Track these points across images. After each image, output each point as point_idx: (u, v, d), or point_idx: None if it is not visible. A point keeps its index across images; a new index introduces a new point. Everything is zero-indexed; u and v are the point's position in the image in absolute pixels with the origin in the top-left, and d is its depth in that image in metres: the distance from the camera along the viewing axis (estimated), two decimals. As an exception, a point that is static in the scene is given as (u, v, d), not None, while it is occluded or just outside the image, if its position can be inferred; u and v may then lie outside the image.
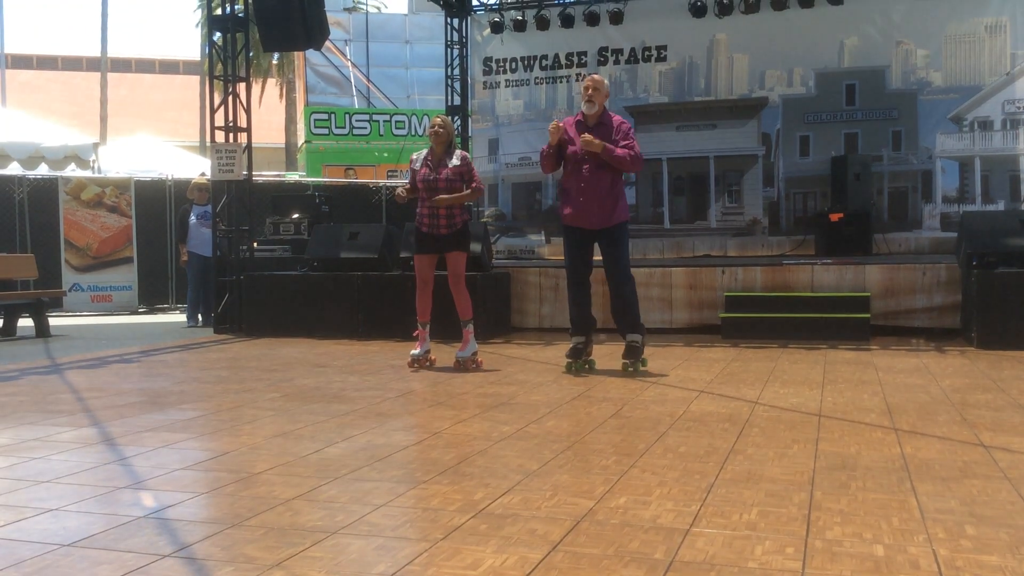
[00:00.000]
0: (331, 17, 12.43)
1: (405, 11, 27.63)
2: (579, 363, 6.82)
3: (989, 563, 2.63)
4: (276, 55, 31.45)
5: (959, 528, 2.94)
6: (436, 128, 6.96)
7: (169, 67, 51.69)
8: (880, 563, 2.63)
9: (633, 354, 6.69)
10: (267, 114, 31.49)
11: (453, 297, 7.04)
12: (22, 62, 48.58)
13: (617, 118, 6.78)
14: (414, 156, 7.08)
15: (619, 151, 6.55)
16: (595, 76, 6.76)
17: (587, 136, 6.42)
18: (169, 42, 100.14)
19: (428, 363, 7.14)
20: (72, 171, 14.69)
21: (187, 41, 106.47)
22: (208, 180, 11.47)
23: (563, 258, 6.93)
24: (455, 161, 6.91)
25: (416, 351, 7.09)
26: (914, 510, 3.14)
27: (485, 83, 14.15)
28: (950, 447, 4.12)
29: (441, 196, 6.85)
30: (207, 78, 11.42)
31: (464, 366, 6.94)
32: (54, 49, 70.23)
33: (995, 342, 7.77)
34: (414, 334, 7.20)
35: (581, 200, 6.55)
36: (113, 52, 38.22)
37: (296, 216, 12.92)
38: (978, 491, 3.37)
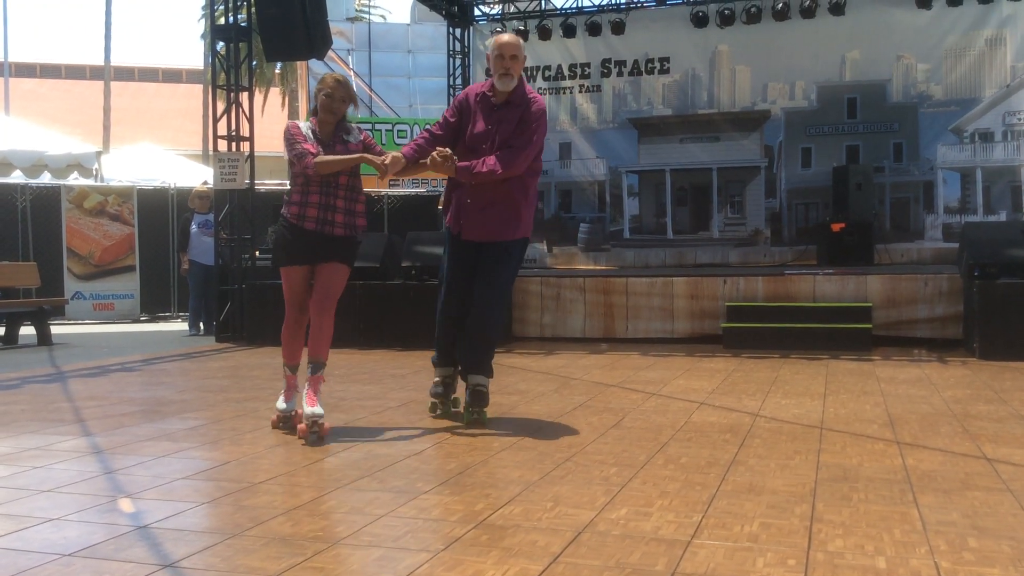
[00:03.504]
0: (334, 27, 12.48)
1: (407, 21, 27.66)
2: (448, 404, 5.37)
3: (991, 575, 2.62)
4: (279, 65, 31.52)
5: (961, 540, 2.93)
6: (334, 94, 4.85)
7: (172, 76, 51.79)
8: (882, 575, 2.63)
9: (481, 401, 5.10)
10: (269, 123, 31.48)
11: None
12: (26, 71, 48.67)
13: (534, 95, 5.12)
14: (301, 125, 4.92)
15: (485, 168, 4.88)
16: (511, 36, 5.14)
17: (439, 155, 4.87)
18: (172, 51, 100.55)
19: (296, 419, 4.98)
20: (75, 179, 14.69)
21: (190, 50, 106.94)
22: (209, 188, 11.49)
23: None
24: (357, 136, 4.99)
25: (281, 405, 5.06)
26: (916, 522, 3.13)
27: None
28: (952, 459, 4.12)
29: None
30: (210, 87, 11.43)
31: (317, 430, 4.69)
32: (58, 58, 70.57)
33: (997, 353, 7.75)
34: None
35: (468, 202, 5.04)
36: (116, 61, 38.32)
37: (298, 225, 12.89)
38: (980, 503, 3.37)
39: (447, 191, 5.22)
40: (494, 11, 14.49)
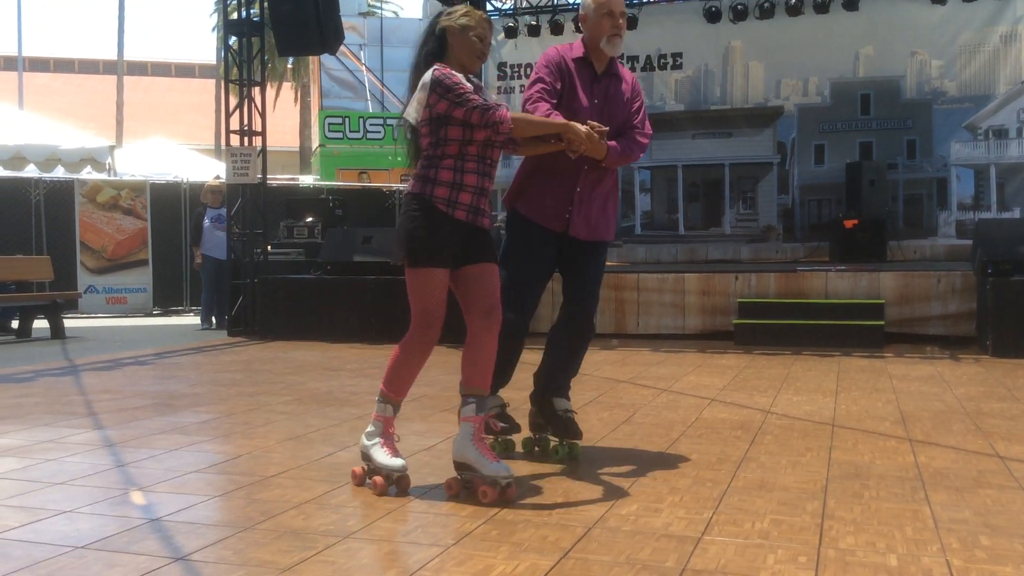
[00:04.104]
0: (346, 22, 12.49)
1: (420, 15, 27.67)
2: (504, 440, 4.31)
3: (1003, 574, 2.61)
4: (291, 59, 31.58)
5: (973, 538, 2.92)
6: (486, 37, 3.69)
7: (185, 71, 51.93)
8: (893, 573, 2.62)
9: (576, 431, 4.13)
10: (282, 118, 31.59)
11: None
12: (39, 65, 48.88)
13: (627, 71, 4.34)
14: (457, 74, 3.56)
15: (636, 155, 4.15)
16: None
17: (597, 130, 3.71)
18: (185, 46, 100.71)
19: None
20: (88, 174, 14.78)
21: (203, 45, 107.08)
22: (222, 183, 11.53)
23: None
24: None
25: (397, 462, 3.57)
26: (928, 520, 3.12)
27: (499, 88, 14.17)
28: (964, 456, 4.10)
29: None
30: (223, 82, 11.46)
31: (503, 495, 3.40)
32: (71, 52, 70.71)
33: (1010, 350, 7.71)
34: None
35: (578, 191, 4.03)
36: (129, 55, 38.44)
37: (310, 219, 12.96)
38: (992, 501, 3.35)
39: (522, 178, 4.14)
40: (506, 6, 14.47)
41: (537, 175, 4.04)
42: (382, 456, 3.57)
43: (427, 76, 3.50)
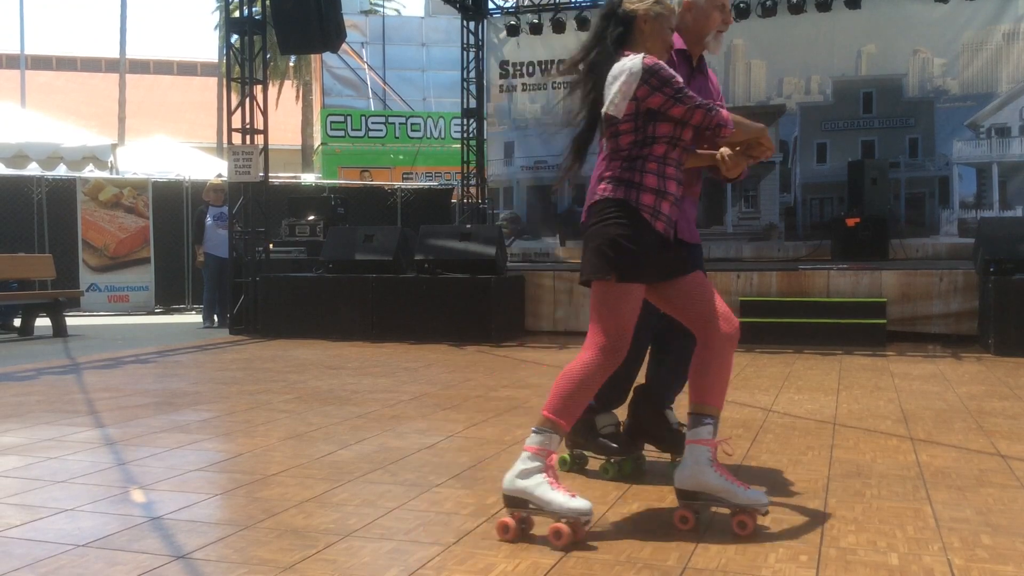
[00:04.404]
0: (348, 20, 12.48)
1: (422, 14, 27.69)
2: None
3: (1005, 573, 2.61)
4: (293, 57, 31.57)
5: (974, 537, 2.92)
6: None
7: (187, 69, 51.94)
8: (894, 572, 2.62)
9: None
10: (283, 116, 31.59)
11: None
12: (41, 63, 48.92)
13: (711, 70, 4.03)
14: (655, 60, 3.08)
15: None
16: None
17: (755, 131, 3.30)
18: (187, 44, 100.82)
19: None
20: (90, 172, 14.79)
21: (205, 43, 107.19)
22: (224, 181, 11.53)
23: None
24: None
25: (584, 503, 2.89)
26: (929, 519, 3.12)
27: (501, 86, 14.18)
28: (966, 455, 4.10)
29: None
30: (224, 80, 11.46)
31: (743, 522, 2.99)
32: (73, 50, 70.80)
33: (1012, 349, 7.72)
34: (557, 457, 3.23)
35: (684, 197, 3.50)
36: (132, 54, 38.49)
37: (312, 218, 12.96)
38: (994, 500, 3.35)
39: None
40: (508, 4, 14.48)
41: None
42: (560, 498, 2.88)
43: (633, 64, 3.00)
